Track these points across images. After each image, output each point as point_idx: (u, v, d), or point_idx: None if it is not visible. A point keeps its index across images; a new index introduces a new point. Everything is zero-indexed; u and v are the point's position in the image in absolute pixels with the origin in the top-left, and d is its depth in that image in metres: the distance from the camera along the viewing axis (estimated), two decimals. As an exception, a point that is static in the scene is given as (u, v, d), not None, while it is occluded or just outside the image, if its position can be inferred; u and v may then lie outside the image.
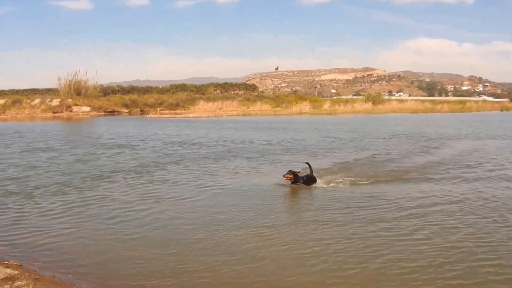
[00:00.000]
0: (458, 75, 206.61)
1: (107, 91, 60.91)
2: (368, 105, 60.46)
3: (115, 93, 60.59)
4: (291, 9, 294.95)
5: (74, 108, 48.70)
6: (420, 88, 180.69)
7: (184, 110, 51.94)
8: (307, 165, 10.83)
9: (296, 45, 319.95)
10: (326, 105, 59.39)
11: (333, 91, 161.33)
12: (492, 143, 20.33)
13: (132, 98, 56.24)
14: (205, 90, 67.53)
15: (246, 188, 10.20)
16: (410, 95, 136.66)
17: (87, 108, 49.25)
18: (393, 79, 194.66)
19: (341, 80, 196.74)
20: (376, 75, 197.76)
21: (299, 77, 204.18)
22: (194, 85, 71.40)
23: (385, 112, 54.53)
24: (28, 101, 51.08)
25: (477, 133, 25.85)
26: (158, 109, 50.31)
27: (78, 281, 5.14)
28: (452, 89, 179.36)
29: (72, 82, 52.12)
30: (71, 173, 12.09)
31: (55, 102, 49.70)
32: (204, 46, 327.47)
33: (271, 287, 5.09)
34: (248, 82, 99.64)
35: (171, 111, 51.18)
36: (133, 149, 17.65)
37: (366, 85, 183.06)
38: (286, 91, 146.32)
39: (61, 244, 6.46)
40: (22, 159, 14.79)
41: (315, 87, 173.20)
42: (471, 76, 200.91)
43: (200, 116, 44.55)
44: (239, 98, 61.22)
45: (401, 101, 73.15)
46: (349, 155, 15.75)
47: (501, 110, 72.20)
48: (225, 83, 76.25)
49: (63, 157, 15.44)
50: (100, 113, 49.23)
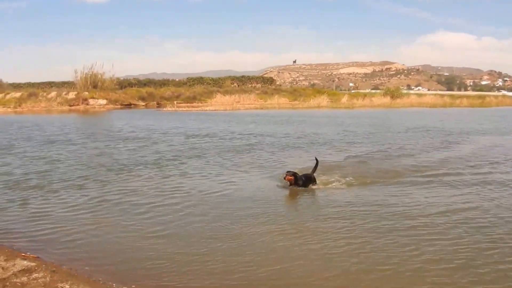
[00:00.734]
0: (478, 70, 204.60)
1: (124, 84, 60.51)
2: (387, 99, 59.47)
3: (132, 86, 60.14)
4: (311, 2, 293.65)
5: (91, 101, 48.23)
6: (439, 83, 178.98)
7: (201, 103, 51.35)
8: (316, 161, 9.89)
9: (315, 38, 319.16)
10: (344, 99, 58.46)
11: (351, 85, 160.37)
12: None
13: (149, 91, 55.61)
14: (222, 83, 66.84)
15: (272, 184, 9.78)
16: (429, 90, 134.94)
17: (104, 101, 48.75)
18: (412, 73, 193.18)
19: (359, 74, 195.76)
20: (395, 69, 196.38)
21: (317, 71, 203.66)
22: (211, 78, 70.71)
23: (404, 106, 53.69)
24: (44, 94, 50.74)
25: (499, 128, 25.06)
26: (175, 102, 49.80)
27: (95, 274, 5.06)
28: (471, 84, 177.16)
29: (89, 75, 51.70)
30: (93, 167, 11.80)
31: (72, 95, 49.30)
32: (222, 39, 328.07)
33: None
34: (266, 75, 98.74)
35: (188, 104, 50.55)
36: (155, 143, 17.20)
37: (385, 79, 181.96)
38: (304, 85, 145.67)
39: (79, 237, 6.35)
40: (43, 152, 14.42)
41: (333, 81, 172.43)
42: (491, 71, 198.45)
43: (217, 109, 44.00)
44: (257, 91, 60.40)
45: (420, 96, 71.93)
46: (369, 148, 15.56)
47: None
48: (243, 76, 75.44)
49: (84, 151, 15.12)
50: (117, 106, 48.72)
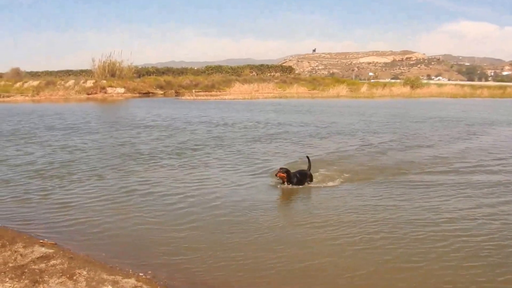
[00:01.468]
0: (499, 60, 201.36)
1: (142, 73, 60.23)
2: (406, 89, 58.62)
3: (150, 75, 59.79)
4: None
5: (109, 90, 47.98)
6: (460, 73, 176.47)
7: (220, 92, 50.91)
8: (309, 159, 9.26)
9: (334, 27, 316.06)
10: (364, 88, 57.88)
11: (371, 74, 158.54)
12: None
13: (167, 80, 55.24)
14: (241, 72, 66.25)
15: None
16: (449, 80, 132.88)
17: (122, 90, 48.46)
18: (432, 63, 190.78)
19: (379, 63, 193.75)
20: (415, 59, 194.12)
21: (337, 60, 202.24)
22: (230, 67, 70.05)
23: (424, 97, 52.81)
24: (62, 83, 50.57)
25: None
26: (193, 91, 49.35)
27: (112, 260, 5.03)
28: (492, 74, 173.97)
29: (106, 64, 51.50)
30: (116, 156, 11.65)
31: (89, 84, 49.09)
32: (241, 27, 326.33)
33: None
34: (285, 64, 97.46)
35: (206, 93, 50.18)
36: (179, 132, 16.93)
37: (405, 69, 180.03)
38: (323, 74, 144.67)
39: (97, 225, 6.30)
40: (66, 141, 14.22)
41: (353, 70, 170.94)
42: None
43: (236, 98, 43.57)
44: (275, 80, 59.88)
45: (440, 86, 70.51)
46: (393, 138, 15.47)
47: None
48: (261, 65, 74.55)
49: (107, 140, 14.89)
50: (135, 95, 48.40)
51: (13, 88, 48.36)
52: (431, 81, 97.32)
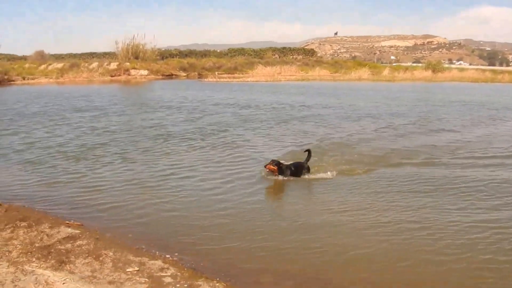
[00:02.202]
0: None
1: (165, 55, 59.99)
2: (428, 73, 57.50)
3: (173, 57, 59.54)
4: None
5: (132, 72, 47.84)
6: (481, 57, 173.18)
7: (242, 74, 50.42)
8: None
9: (357, 11, 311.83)
10: (386, 72, 57.17)
11: (393, 58, 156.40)
12: None
13: (190, 62, 54.92)
14: (264, 55, 65.46)
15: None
16: (471, 64, 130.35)
17: (145, 72, 48.27)
18: (454, 47, 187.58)
19: (401, 47, 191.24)
20: (436, 43, 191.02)
21: (359, 43, 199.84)
22: (253, 50, 69.31)
23: (445, 81, 51.75)
24: (86, 65, 50.62)
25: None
26: (216, 73, 48.93)
27: (138, 242, 4.97)
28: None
29: (130, 46, 51.33)
30: (148, 137, 11.53)
31: (113, 66, 49.02)
32: (264, 10, 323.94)
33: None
34: (307, 47, 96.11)
35: (229, 75, 49.76)
36: (209, 114, 16.73)
37: (426, 53, 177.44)
38: (345, 57, 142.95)
39: (124, 207, 6.23)
40: (95, 123, 14.09)
41: (374, 54, 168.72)
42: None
43: (259, 81, 43.16)
44: (298, 63, 59.16)
45: (461, 70, 69.26)
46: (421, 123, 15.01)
47: None
48: (284, 48, 73.73)
49: (138, 121, 14.73)
50: (158, 77, 48.18)
51: (38, 71, 48.50)
52: (453, 66, 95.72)
